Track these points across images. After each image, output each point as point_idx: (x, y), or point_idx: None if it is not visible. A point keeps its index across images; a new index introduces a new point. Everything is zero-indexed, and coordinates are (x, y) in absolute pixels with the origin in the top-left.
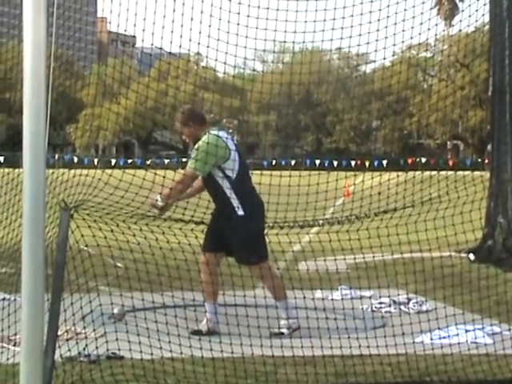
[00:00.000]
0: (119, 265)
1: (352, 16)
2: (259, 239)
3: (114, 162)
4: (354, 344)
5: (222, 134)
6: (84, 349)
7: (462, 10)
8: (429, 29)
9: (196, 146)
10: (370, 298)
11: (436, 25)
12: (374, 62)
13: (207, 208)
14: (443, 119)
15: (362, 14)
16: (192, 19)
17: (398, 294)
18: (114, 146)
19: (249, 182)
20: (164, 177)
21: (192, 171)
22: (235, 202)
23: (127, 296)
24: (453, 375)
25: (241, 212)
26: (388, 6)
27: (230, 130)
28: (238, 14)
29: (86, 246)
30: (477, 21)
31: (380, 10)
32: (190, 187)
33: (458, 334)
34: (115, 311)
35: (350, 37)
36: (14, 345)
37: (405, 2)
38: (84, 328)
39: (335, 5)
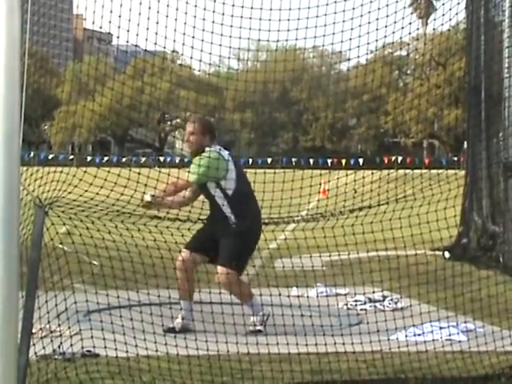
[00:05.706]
0: (94, 262)
1: (326, 15)
2: (246, 253)
3: (89, 159)
4: (330, 341)
5: (223, 152)
6: (59, 346)
7: (436, 9)
8: (402, 27)
9: (198, 159)
10: (346, 295)
11: (410, 23)
12: (349, 60)
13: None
14: (419, 117)
15: (335, 12)
16: (167, 16)
17: (374, 292)
18: (90, 143)
19: (248, 200)
20: (139, 173)
21: (193, 181)
22: (231, 217)
23: (102, 294)
24: (427, 372)
25: (233, 221)
26: (361, 4)
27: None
28: (213, 11)
29: (61, 243)
30: (450, 19)
31: (354, 8)
32: (183, 190)
33: (432, 332)
34: None
35: (324, 35)
36: None
37: (378, 0)
38: (59, 326)
39: (309, 4)
